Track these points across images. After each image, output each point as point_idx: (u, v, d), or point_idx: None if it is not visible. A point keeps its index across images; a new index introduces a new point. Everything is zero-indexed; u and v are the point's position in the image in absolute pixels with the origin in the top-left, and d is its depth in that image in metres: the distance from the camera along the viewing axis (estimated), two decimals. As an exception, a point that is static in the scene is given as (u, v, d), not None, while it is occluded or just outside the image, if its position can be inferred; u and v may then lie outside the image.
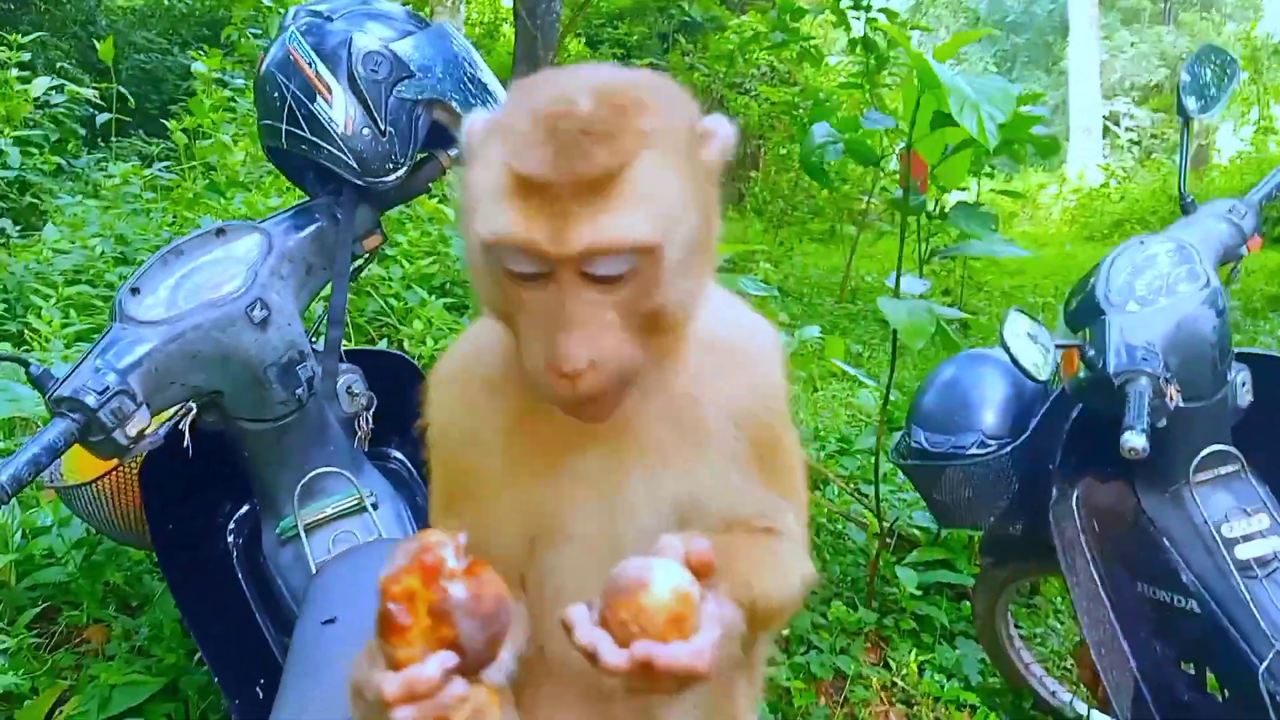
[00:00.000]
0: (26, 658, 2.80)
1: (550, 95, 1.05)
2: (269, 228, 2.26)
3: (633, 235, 1.02)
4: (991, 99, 2.94)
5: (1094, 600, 2.59)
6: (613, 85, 1.07)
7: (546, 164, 1.00)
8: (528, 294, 1.06)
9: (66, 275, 4.90)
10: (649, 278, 1.05)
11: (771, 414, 1.26)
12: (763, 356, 1.28)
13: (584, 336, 1.03)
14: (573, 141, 1.00)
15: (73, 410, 1.86)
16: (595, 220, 1.01)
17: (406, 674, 0.98)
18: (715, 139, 1.14)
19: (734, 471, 1.24)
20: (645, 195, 1.03)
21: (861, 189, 11.37)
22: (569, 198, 1.01)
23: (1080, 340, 2.51)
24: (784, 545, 1.27)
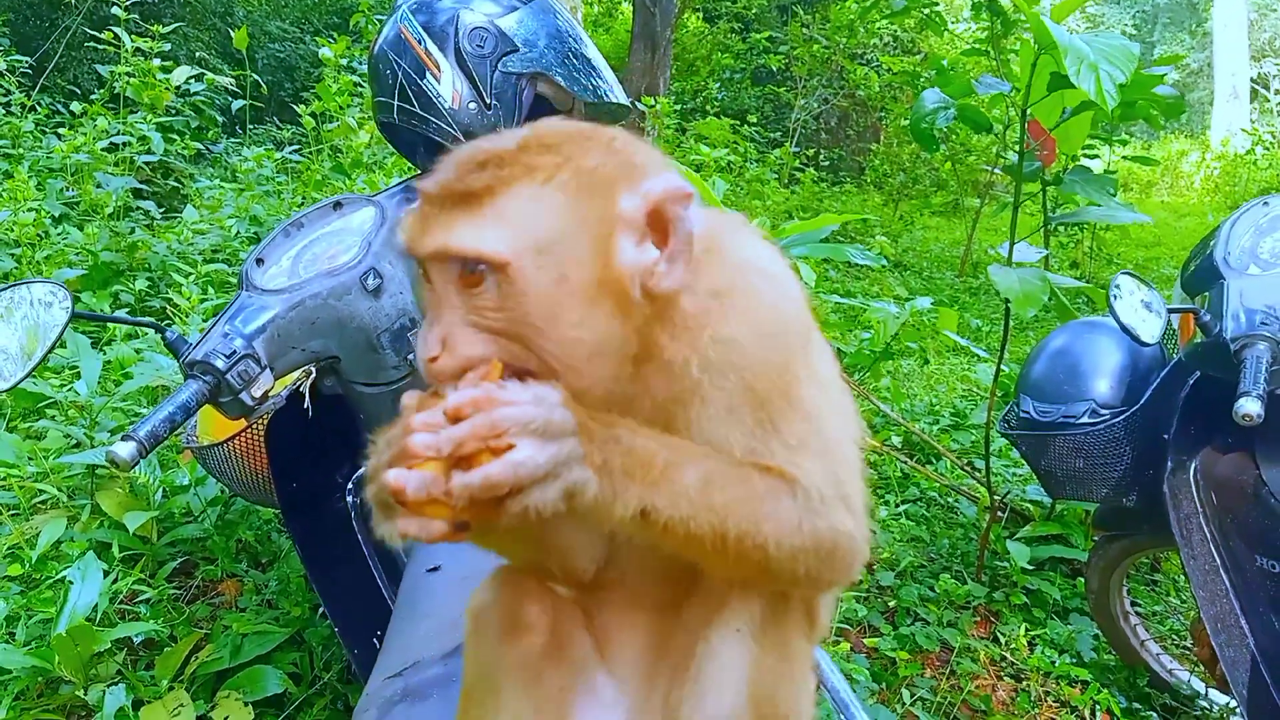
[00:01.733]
0: (166, 608, 3.01)
1: (492, 138, 1.15)
2: (382, 200, 2.36)
3: (479, 246, 1.08)
4: (1110, 58, 2.85)
5: (1211, 575, 2.52)
6: (546, 129, 1.15)
7: (430, 180, 1.12)
8: (426, 295, 1.16)
9: (205, 254, 5.18)
10: (505, 294, 1.10)
11: (771, 352, 1.20)
12: (763, 303, 1.23)
13: (439, 328, 1.12)
14: (465, 165, 1.11)
15: (204, 372, 1.99)
16: (449, 228, 1.09)
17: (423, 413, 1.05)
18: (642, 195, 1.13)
19: (724, 420, 1.20)
20: (506, 216, 1.09)
21: (986, 160, 11.09)
22: (437, 208, 1.11)
23: (1196, 305, 2.44)
24: (779, 484, 1.18)
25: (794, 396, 1.21)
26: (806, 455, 1.21)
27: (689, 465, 1.13)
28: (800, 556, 1.18)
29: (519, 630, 1.30)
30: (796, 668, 1.31)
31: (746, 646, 1.25)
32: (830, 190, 12.28)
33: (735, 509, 1.14)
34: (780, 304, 1.24)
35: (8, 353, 2.00)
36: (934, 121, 3.55)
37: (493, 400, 1.03)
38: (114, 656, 2.70)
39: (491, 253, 1.08)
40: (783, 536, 1.17)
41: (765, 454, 1.19)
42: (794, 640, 1.30)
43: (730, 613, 1.25)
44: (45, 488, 3.18)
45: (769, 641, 1.26)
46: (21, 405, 3.69)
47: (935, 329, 5.35)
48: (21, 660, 2.52)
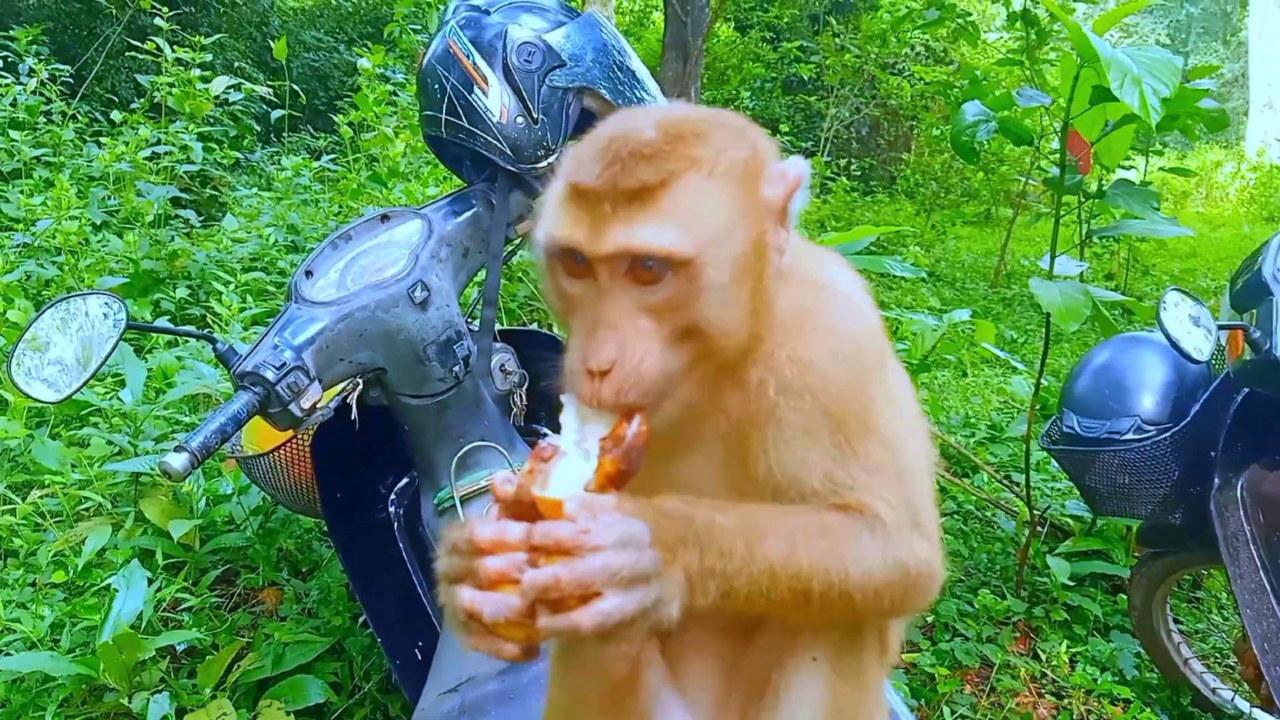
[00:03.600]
0: (208, 616, 3.03)
1: (618, 123, 1.15)
2: (429, 213, 2.38)
3: (665, 244, 1.08)
4: (1154, 72, 2.83)
5: (1258, 593, 2.49)
6: (677, 117, 1.15)
7: (593, 176, 1.09)
8: (578, 294, 1.14)
9: (244, 262, 5.22)
10: (685, 291, 1.10)
11: (850, 375, 1.21)
12: (841, 324, 1.23)
13: (614, 336, 1.09)
14: (621, 159, 1.09)
15: (254, 384, 2.01)
16: (630, 226, 1.08)
17: (497, 525, 1.05)
18: (782, 179, 1.17)
19: (802, 443, 1.20)
20: (683, 211, 1.09)
21: (1019, 170, 11.02)
22: (608, 205, 1.09)
23: (1245, 321, 2.41)
24: (856, 523, 1.18)
25: (870, 420, 1.21)
26: (883, 481, 1.21)
27: (769, 539, 1.13)
28: (884, 592, 1.19)
29: (608, 658, 1.29)
30: (871, 698, 1.29)
31: (823, 676, 1.24)
32: (862, 200, 12.24)
33: (819, 566, 1.14)
34: (856, 327, 1.24)
35: (63, 363, 2.02)
36: (975, 134, 3.53)
37: (579, 546, 1.00)
38: (157, 664, 2.72)
39: (679, 250, 1.09)
40: (866, 578, 1.17)
41: (843, 478, 1.19)
42: (869, 669, 1.29)
43: (806, 640, 1.24)
44: (89, 495, 3.21)
45: (845, 670, 1.25)
46: (65, 413, 3.73)
47: (971, 340, 5.32)
48: (67, 668, 2.54)
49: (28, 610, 2.74)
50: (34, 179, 5.96)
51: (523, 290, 5.40)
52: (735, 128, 1.18)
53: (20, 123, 6.46)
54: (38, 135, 6.48)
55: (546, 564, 1.01)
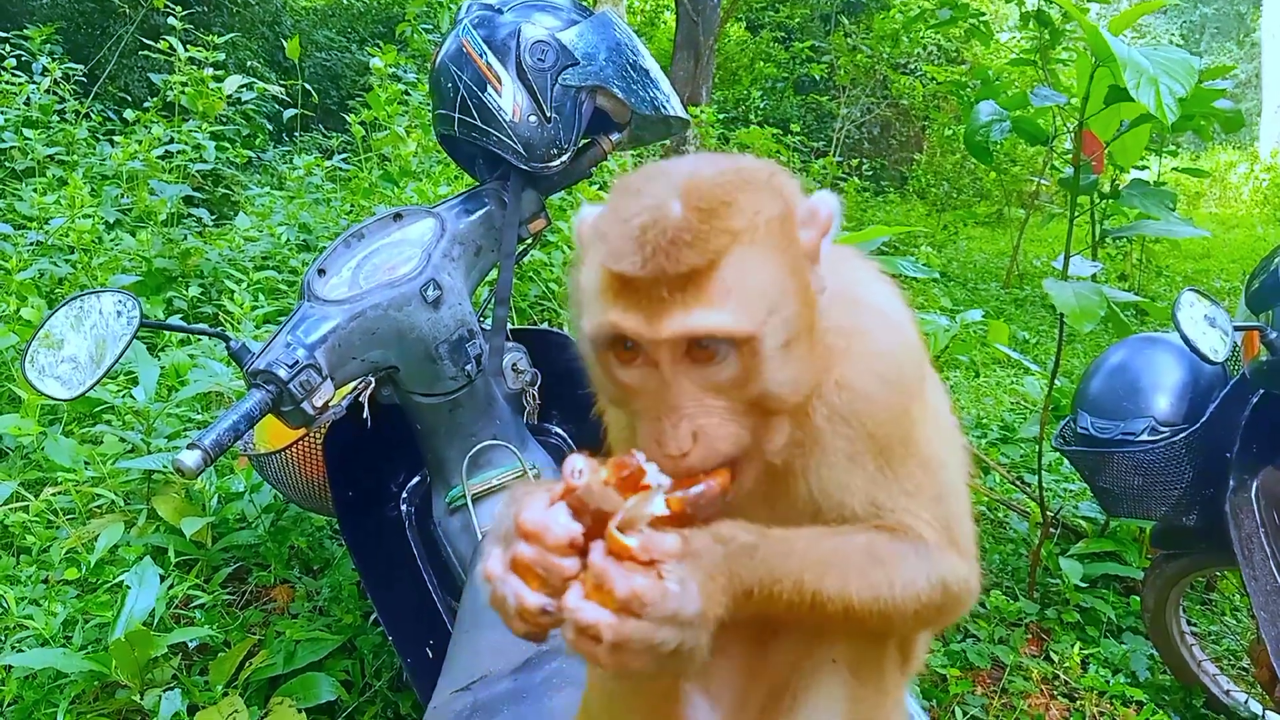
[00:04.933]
0: (220, 613, 3.04)
1: (641, 203, 1.10)
2: (441, 212, 2.38)
3: (723, 325, 1.06)
4: (1170, 72, 2.81)
5: (1273, 595, 2.48)
6: (701, 186, 1.10)
7: (637, 265, 1.06)
8: (635, 382, 1.12)
9: (256, 261, 5.23)
10: (748, 365, 1.09)
11: (894, 398, 1.20)
12: (884, 348, 1.22)
13: (684, 420, 1.08)
14: (661, 247, 1.06)
15: (267, 382, 2.01)
16: (687, 310, 1.06)
17: (547, 514, 1.04)
18: (814, 219, 1.15)
19: (846, 467, 1.20)
20: (735, 288, 1.07)
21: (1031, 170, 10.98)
22: (660, 290, 1.06)
23: (1262, 323, 2.40)
24: (899, 544, 1.19)
25: (912, 442, 1.22)
26: (924, 503, 1.21)
27: (818, 563, 1.13)
28: (924, 611, 1.19)
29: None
30: (891, 702, 1.29)
31: (844, 679, 1.23)
32: (874, 200, 12.22)
33: (865, 587, 1.15)
34: (899, 347, 1.23)
35: (77, 361, 2.03)
36: (988, 134, 3.52)
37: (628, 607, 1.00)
38: (169, 661, 2.73)
39: (738, 329, 1.07)
40: (909, 597, 1.17)
41: (885, 501, 1.20)
42: (890, 675, 1.28)
43: (828, 643, 1.24)
44: (102, 492, 3.22)
45: (866, 675, 1.24)
46: (78, 410, 3.74)
47: (984, 341, 5.30)
48: (79, 664, 2.55)
49: (40, 607, 2.75)
50: (48, 177, 5.99)
51: (535, 289, 5.40)
52: (761, 181, 1.14)
53: (34, 121, 6.49)
54: (51, 134, 6.50)
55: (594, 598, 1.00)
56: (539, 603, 1.02)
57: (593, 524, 1.05)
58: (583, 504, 1.05)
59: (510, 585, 1.03)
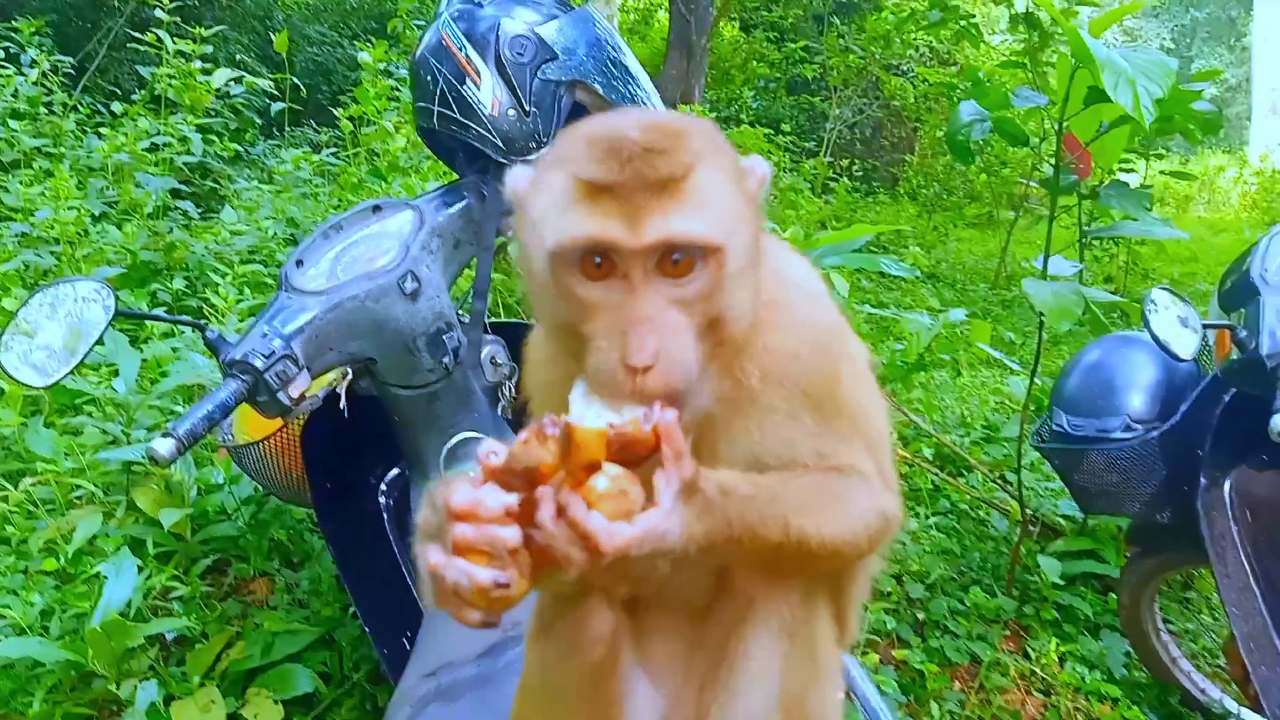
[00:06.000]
0: (198, 605, 3.03)
1: (601, 126, 1.17)
2: (421, 205, 2.38)
3: (698, 231, 1.11)
4: (1148, 73, 2.83)
5: (1245, 593, 2.50)
6: (658, 118, 1.18)
7: (612, 170, 1.10)
8: (598, 297, 1.13)
9: (241, 255, 5.22)
10: (713, 280, 1.13)
11: (822, 362, 1.29)
12: (804, 314, 1.31)
13: (653, 332, 1.10)
14: (635, 154, 1.10)
15: (243, 372, 2.01)
16: (666, 215, 1.10)
17: (478, 492, 1.06)
18: (754, 174, 1.23)
19: (786, 425, 1.28)
20: (707, 201, 1.13)
21: (1020, 172, 11.02)
22: (639, 198, 1.10)
23: (1232, 321, 2.42)
24: (848, 481, 1.29)
25: (842, 398, 1.32)
26: (860, 448, 1.32)
27: (797, 511, 1.21)
28: (871, 538, 1.30)
29: (586, 641, 1.33)
30: (825, 671, 1.33)
31: (779, 646, 1.26)
32: (864, 201, 12.24)
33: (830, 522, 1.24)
34: (821, 316, 1.32)
35: (51, 349, 2.03)
36: (970, 134, 3.53)
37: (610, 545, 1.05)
38: (146, 652, 2.73)
39: (713, 237, 1.12)
40: (861, 527, 1.28)
41: (827, 449, 1.29)
42: (823, 643, 1.32)
43: (761, 613, 1.27)
44: (81, 483, 3.22)
45: (800, 642, 1.28)
46: (59, 401, 3.73)
47: (968, 341, 5.32)
48: (55, 654, 2.55)
49: (18, 597, 2.75)
50: (34, 169, 5.97)
51: (521, 285, 5.39)
52: (708, 128, 1.21)
53: (21, 113, 6.47)
54: (38, 126, 6.48)
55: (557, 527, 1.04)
56: (491, 576, 1.04)
57: (526, 490, 1.07)
58: (508, 479, 1.06)
59: (457, 567, 1.04)
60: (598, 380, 1.13)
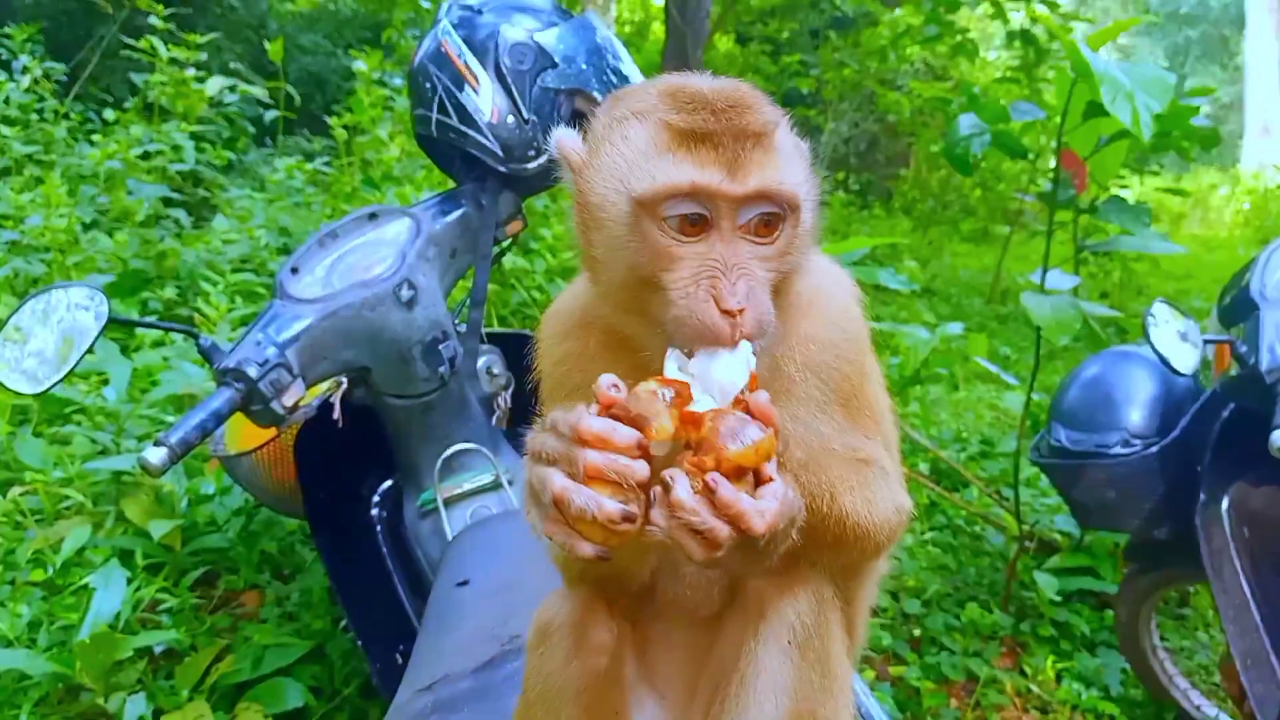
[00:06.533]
0: (188, 618, 2.99)
1: (675, 83, 1.17)
2: (417, 212, 2.36)
3: (791, 183, 1.14)
4: (1147, 88, 2.82)
5: (1242, 610, 2.48)
6: (723, 82, 1.18)
7: (709, 120, 1.11)
8: (682, 250, 1.12)
9: (233, 263, 5.19)
10: (790, 235, 1.16)
11: (851, 361, 1.30)
12: (839, 308, 1.32)
13: (744, 279, 1.11)
14: (728, 107, 1.12)
15: (236, 380, 1.98)
16: (763, 167, 1.12)
17: (611, 422, 1.03)
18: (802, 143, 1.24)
19: (820, 419, 1.28)
20: (792, 158, 1.17)
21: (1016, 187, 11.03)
22: (734, 146, 1.11)
23: (1232, 336, 2.41)
24: (874, 472, 1.29)
25: (865, 394, 1.34)
26: (879, 445, 1.34)
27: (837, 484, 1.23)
28: (890, 531, 1.31)
29: (587, 651, 1.31)
30: (837, 685, 1.30)
31: (789, 659, 1.24)
32: (859, 214, 12.25)
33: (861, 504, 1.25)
34: (853, 308, 1.34)
35: (43, 356, 2.00)
36: (969, 146, 3.52)
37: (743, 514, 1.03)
38: (135, 665, 2.69)
39: (800, 193, 1.16)
40: (883, 518, 1.28)
41: (853, 445, 1.30)
42: (835, 655, 1.30)
43: (773, 625, 1.25)
44: (70, 493, 3.18)
45: (811, 654, 1.26)
46: (49, 410, 3.69)
47: (965, 355, 5.30)
48: (43, 666, 2.51)
49: (5, 608, 2.71)
50: (24, 176, 5.93)
51: (516, 296, 5.37)
52: (762, 92, 1.22)
53: (12, 119, 6.43)
54: (29, 133, 6.44)
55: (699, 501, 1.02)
56: (620, 509, 1.01)
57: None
58: (620, 415, 1.04)
59: (586, 494, 1.01)
60: (685, 327, 1.12)
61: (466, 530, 2.23)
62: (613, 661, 1.31)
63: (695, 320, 1.10)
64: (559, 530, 1.04)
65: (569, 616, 1.32)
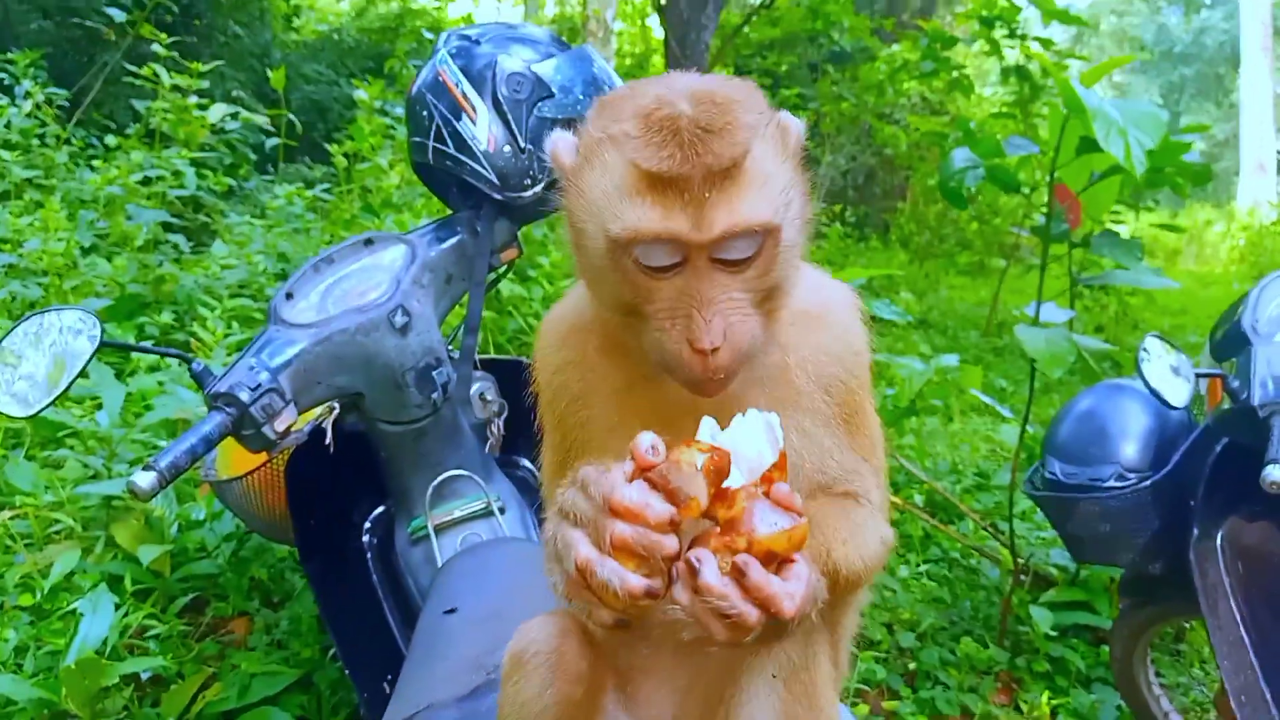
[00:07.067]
0: (175, 644, 2.97)
1: (654, 99, 1.13)
2: (413, 239, 2.37)
3: (760, 217, 1.11)
4: (1139, 124, 2.84)
5: (1236, 646, 2.46)
6: (707, 86, 1.15)
7: (675, 160, 1.08)
8: (659, 284, 1.13)
9: (231, 289, 5.19)
10: (770, 256, 1.14)
11: (854, 378, 1.31)
12: (846, 323, 1.33)
13: (718, 315, 1.11)
14: (695, 138, 1.09)
15: (228, 404, 1.98)
16: (729, 206, 1.10)
17: (643, 491, 1.02)
18: (792, 132, 1.22)
19: (823, 432, 1.29)
20: (763, 180, 1.13)
21: (1012, 221, 11.08)
22: (701, 189, 1.09)
23: (1224, 370, 2.41)
24: (863, 510, 1.30)
25: (864, 413, 1.35)
26: (872, 471, 1.34)
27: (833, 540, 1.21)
28: (876, 568, 1.30)
29: (562, 679, 1.30)
30: (823, 716, 1.29)
31: (777, 694, 1.24)
32: (856, 246, 12.30)
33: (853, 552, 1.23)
34: (859, 324, 1.35)
35: (34, 379, 1.99)
36: (962, 180, 3.54)
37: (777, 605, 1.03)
38: (121, 691, 2.66)
39: (774, 220, 1.13)
40: (871, 556, 1.28)
41: (851, 466, 1.31)
42: (823, 688, 1.29)
43: (760, 658, 1.24)
44: (60, 517, 3.16)
45: (798, 688, 1.25)
46: (41, 434, 3.68)
47: (960, 387, 5.30)
48: (28, 691, 2.49)
49: (-9, 633, 2.69)
50: (24, 200, 5.94)
51: (513, 324, 5.38)
52: (750, 91, 1.20)
53: (13, 144, 6.46)
54: (30, 158, 6.46)
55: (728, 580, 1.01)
56: (644, 585, 1.00)
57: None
58: (657, 483, 1.02)
59: (610, 568, 1.01)
60: (663, 361, 1.14)
61: (455, 557, 2.22)
62: (590, 690, 1.30)
63: (670, 358, 1.13)
64: (580, 595, 1.05)
65: (544, 644, 1.31)
